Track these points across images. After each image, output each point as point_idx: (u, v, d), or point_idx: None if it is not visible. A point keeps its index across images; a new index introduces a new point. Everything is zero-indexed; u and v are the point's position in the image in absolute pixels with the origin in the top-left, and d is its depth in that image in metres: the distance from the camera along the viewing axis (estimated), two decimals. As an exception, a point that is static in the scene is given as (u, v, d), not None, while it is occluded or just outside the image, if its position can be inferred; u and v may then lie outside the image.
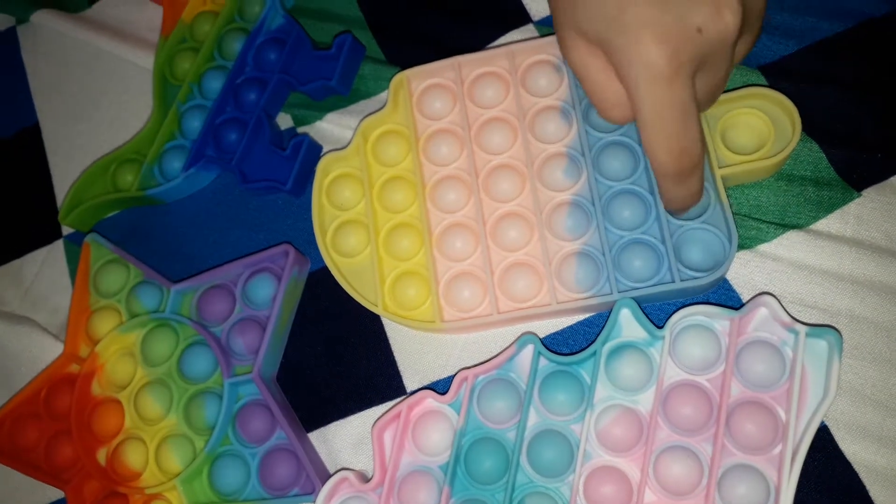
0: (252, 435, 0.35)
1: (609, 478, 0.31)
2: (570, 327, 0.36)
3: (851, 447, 0.31)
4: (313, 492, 0.33)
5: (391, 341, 0.38)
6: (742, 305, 0.32)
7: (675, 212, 0.33)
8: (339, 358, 0.38)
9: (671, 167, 0.28)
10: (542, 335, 0.36)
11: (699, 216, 0.33)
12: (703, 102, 0.29)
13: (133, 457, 0.36)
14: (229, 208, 0.42)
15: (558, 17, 0.30)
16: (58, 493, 0.38)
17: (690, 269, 0.33)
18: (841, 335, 0.31)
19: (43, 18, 0.50)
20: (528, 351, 0.34)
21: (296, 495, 0.34)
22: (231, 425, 0.36)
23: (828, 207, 0.34)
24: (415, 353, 0.37)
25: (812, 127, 0.35)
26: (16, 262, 0.45)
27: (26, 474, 0.38)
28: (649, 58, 0.26)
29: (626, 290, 0.33)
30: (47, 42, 0.50)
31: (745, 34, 0.29)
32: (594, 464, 0.32)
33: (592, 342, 0.33)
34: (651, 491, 0.31)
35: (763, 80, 0.36)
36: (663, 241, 0.34)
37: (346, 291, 0.37)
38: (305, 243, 0.40)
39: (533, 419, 0.33)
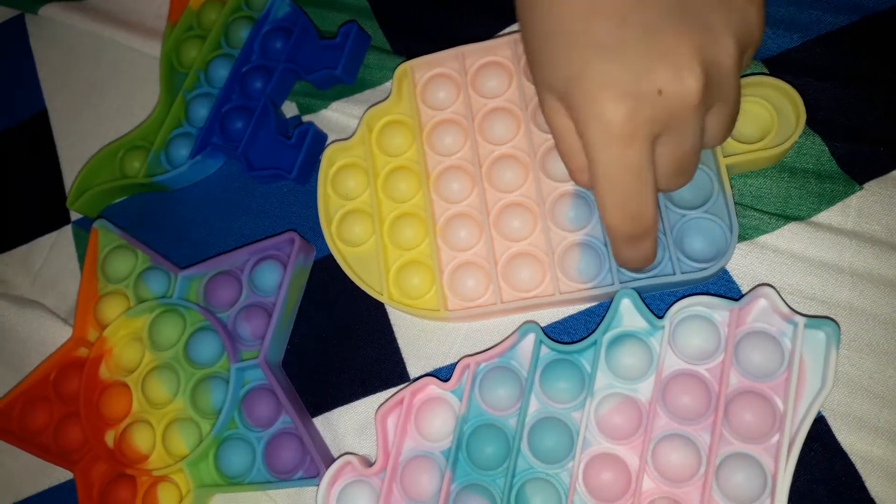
0: (258, 419, 0.36)
1: (608, 465, 0.32)
2: (572, 317, 0.36)
3: (848, 438, 0.32)
4: (317, 475, 0.34)
5: (395, 329, 0.38)
6: (741, 296, 0.33)
7: (628, 269, 0.32)
8: (343, 345, 0.39)
9: (622, 230, 0.28)
10: (543, 324, 0.36)
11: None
12: (667, 174, 0.28)
13: (141, 439, 0.37)
14: (235, 195, 0.43)
15: (533, 74, 0.29)
16: (67, 475, 0.39)
17: (692, 259, 0.33)
18: (839, 327, 0.31)
19: (51, 11, 0.50)
20: (530, 339, 0.34)
21: (300, 478, 0.34)
22: (237, 409, 0.36)
23: (829, 200, 0.35)
24: (418, 341, 0.38)
25: (815, 120, 0.36)
26: (25, 248, 0.46)
27: (36, 456, 0.38)
28: (605, 116, 0.25)
29: (628, 281, 0.34)
30: (55, 30, 0.51)
31: (718, 106, 0.28)
32: (594, 451, 0.32)
33: (593, 331, 0.34)
34: (649, 478, 0.31)
35: (766, 73, 0.37)
36: (664, 232, 0.34)
37: (350, 279, 0.38)
38: (310, 231, 0.40)
39: (534, 406, 0.33)
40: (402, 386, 0.37)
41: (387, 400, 0.35)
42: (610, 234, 0.29)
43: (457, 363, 0.35)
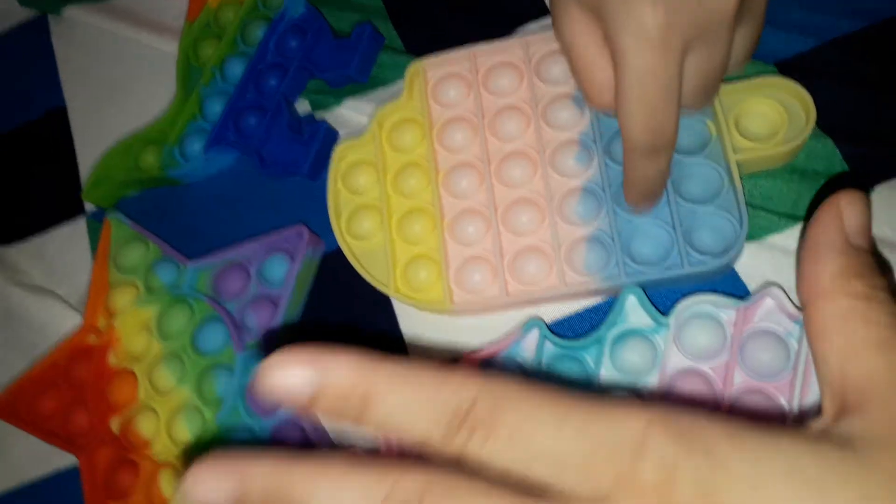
0: (262, 408, 0.36)
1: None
2: (578, 314, 0.36)
3: (855, 440, 0.31)
4: (319, 465, 0.34)
5: (400, 323, 0.38)
6: (748, 296, 0.32)
7: (636, 199, 0.33)
8: (349, 338, 0.39)
9: (642, 141, 0.28)
10: (548, 321, 0.36)
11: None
12: (692, 91, 0.28)
13: (145, 426, 0.37)
14: (247, 190, 0.43)
15: None
16: (72, 460, 0.39)
17: (700, 253, 0.33)
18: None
19: (74, 13, 0.51)
20: (534, 335, 0.34)
21: (302, 468, 0.34)
22: (242, 398, 0.36)
23: (839, 202, 0.35)
24: (424, 336, 0.38)
25: (826, 123, 0.35)
26: (39, 238, 0.47)
27: (43, 440, 0.39)
28: (641, 21, 0.26)
29: (635, 275, 0.34)
30: (77, 30, 0.52)
31: (746, 22, 0.28)
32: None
33: (598, 328, 0.33)
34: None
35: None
36: (673, 226, 0.34)
37: (358, 273, 0.38)
38: (320, 225, 0.41)
39: (537, 402, 0.33)
40: (406, 379, 0.37)
41: (390, 392, 0.35)
42: (627, 146, 0.29)
43: (461, 359, 0.35)
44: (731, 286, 0.34)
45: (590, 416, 0.19)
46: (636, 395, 0.32)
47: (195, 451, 0.36)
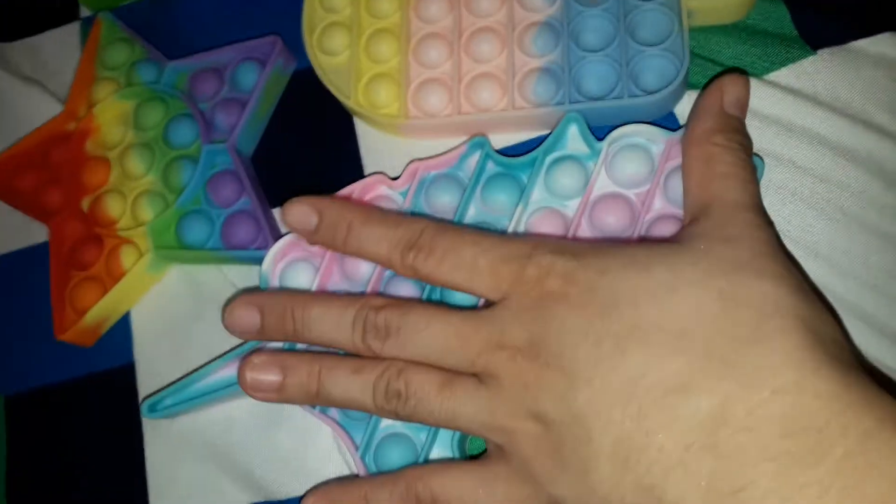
0: (220, 198, 0.39)
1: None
2: (523, 143, 0.38)
3: (757, 274, 0.34)
4: (267, 248, 0.37)
5: (360, 141, 0.41)
6: (680, 128, 0.34)
7: None
8: (310, 151, 0.41)
9: None
10: (496, 149, 0.38)
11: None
12: None
13: (112, 206, 0.40)
14: (236, 9, 0.45)
15: None
16: (41, 238, 0.42)
17: (643, 89, 0.35)
18: (763, 164, 0.33)
19: None
20: (477, 152, 0.36)
21: (253, 251, 0.37)
22: (203, 189, 0.39)
23: (783, 62, 0.36)
24: (380, 155, 0.40)
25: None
26: (34, 39, 0.48)
27: (18, 209, 0.42)
28: None
29: (580, 104, 0.36)
30: None
31: None
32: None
33: (537, 147, 0.36)
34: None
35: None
36: (621, 64, 0.36)
37: (326, 93, 0.40)
38: (296, 44, 0.42)
39: (471, 213, 0.36)
40: (357, 186, 0.39)
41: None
42: None
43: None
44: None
45: (497, 240, 0.30)
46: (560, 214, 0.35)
47: (155, 230, 0.39)
